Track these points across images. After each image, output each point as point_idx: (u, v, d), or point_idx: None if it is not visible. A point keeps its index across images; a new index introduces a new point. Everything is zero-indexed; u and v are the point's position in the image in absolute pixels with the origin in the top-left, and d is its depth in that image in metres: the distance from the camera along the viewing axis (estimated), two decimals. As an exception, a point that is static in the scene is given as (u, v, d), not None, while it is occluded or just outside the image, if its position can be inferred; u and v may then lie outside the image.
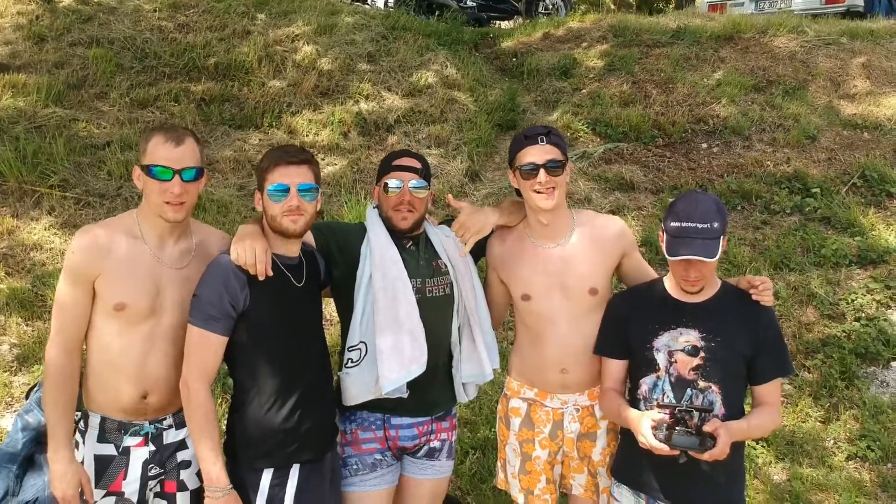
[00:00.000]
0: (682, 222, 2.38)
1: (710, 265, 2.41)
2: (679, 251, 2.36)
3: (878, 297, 5.49)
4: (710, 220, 2.37)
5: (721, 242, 2.38)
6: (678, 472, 2.41)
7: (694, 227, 2.36)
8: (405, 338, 2.56)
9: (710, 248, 2.35)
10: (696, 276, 2.40)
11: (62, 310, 2.34)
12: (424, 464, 2.76)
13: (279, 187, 2.38)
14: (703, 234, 2.36)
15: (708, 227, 2.36)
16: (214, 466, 2.28)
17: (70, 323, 2.33)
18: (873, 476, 4.39)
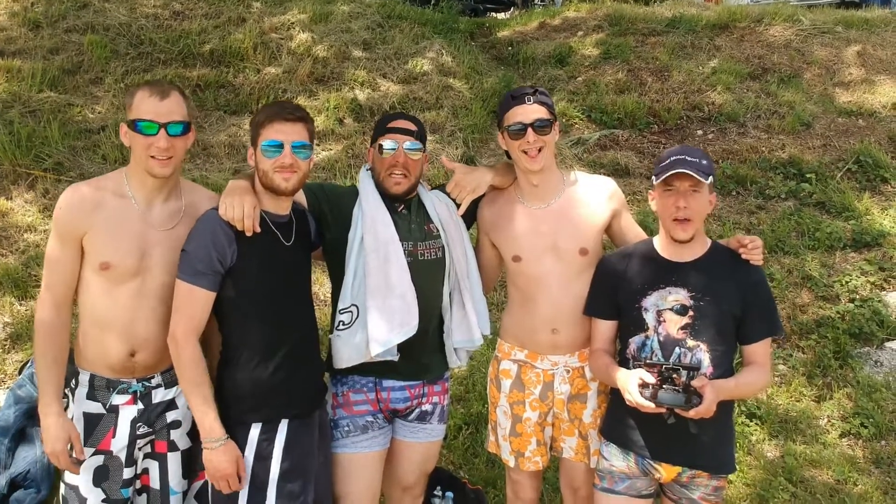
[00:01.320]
0: (674, 156, 2.41)
1: (701, 198, 2.42)
2: (670, 168, 2.37)
3: (873, 279, 5.50)
4: (700, 157, 2.40)
5: (709, 184, 2.40)
6: (666, 431, 2.42)
7: (684, 158, 2.39)
8: (396, 301, 2.56)
9: (702, 171, 2.36)
10: (685, 205, 2.40)
11: (50, 266, 2.34)
12: (416, 427, 2.76)
13: (273, 143, 2.38)
14: (693, 164, 2.38)
15: (698, 161, 2.38)
16: (207, 417, 2.28)
17: (58, 279, 2.32)
18: (866, 452, 4.40)
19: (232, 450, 2.32)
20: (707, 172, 2.42)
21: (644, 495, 2.58)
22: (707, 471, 2.51)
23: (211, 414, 2.29)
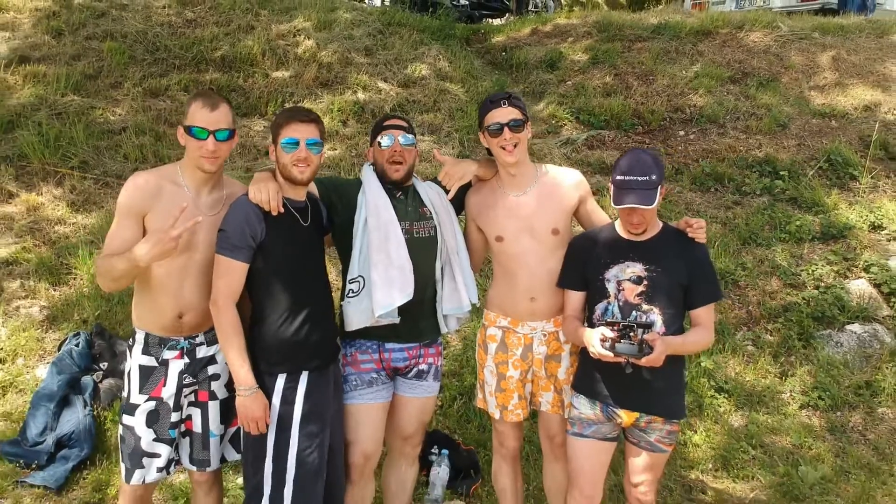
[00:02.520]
0: (626, 176, 2.84)
1: (651, 211, 2.88)
2: (623, 200, 2.82)
3: (837, 268, 5.94)
4: (649, 174, 2.83)
5: (659, 192, 2.84)
6: (626, 381, 2.88)
7: (635, 179, 2.82)
8: (395, 271, 3.01)
9: (649, 197, 2.81)
10: (638, 220, 2.87)
11: (112, 238, 2.77)
12: (414, 384, 3.22)
13: (291, 141, 2.84)
14: (643, 186, 2.81)
15: (647, 180, 2.82)
16: (242, 370, 2.73)
17: (116, 248, 2.75)
18: (822, 422, 4.85)
19: (261, 398, 2.77)
20: (656, 187, 2.85)
21: (609, 438, 3.04)
22: (661, 416, 2.96)
23: (245, 367, 2.74)
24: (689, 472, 4.34)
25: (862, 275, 5.91)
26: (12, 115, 6.33)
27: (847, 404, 4.97)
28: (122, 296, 5.03)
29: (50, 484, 3.80)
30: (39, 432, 4.05)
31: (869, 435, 4.75)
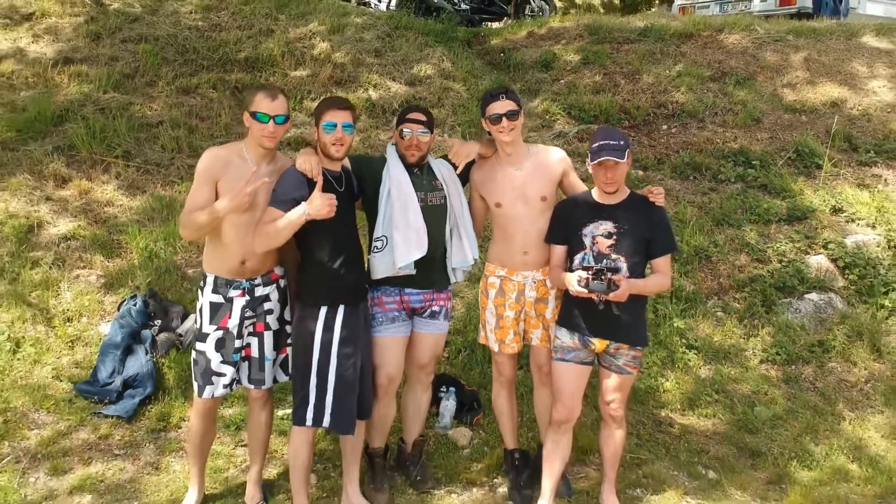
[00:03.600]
0: (601, 141, 3.59)
1: (620, 170, 3.61)
2: (600, 157, 3.56)
3: (799, 245, 6.63)
4: (619, 139, 3.58)
5: (627, 155, 3.58)
6: (598, 315, 3.62)
7: (608, 143, 3.56)
8: (412, 233, 3.74)
9: (620, 155, 3.55)
10: (610, 175, 3.60)
11: (192, 198, 3.49)
12: (428, 322, 3.96)
13: (330, 124, 3.57)
14: (614, 147, 3.56)
15: (617, 144, 3.56)
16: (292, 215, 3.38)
17: (196, 206, 3.47)
18: (779, 374, 5.57)
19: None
20: (624, 150, 3.60)
21: (585, 363, 3.78)
22: (626, 343, 3.70)
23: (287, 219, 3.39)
24: (659, 411, 5.08)
25: (821, 251, 6.61)
26: (61, 110, 7.05)
27: (801, 359, 5.68)
28: (169, 266, 5.79)
29: (122, 414, 4.54)
30: (108, 375, 4.78)
31: (818, 384, 5.47)
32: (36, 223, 5.99)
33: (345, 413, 3.58)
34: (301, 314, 3.60)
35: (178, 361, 5.00)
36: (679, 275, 6.34)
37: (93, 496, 3.96)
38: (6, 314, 5.22)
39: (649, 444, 4.70)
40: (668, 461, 4.53)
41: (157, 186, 6.65)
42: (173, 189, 6.63)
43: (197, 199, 3.49)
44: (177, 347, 5.09)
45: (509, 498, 4.08)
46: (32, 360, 4.95)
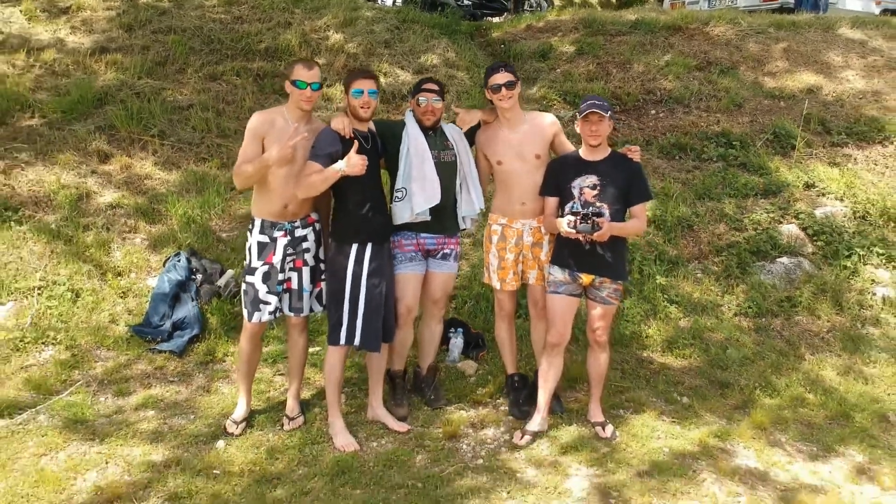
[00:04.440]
0: (588, 101, 4.28)
1: (604, 124, 4.28)
2: (587, 109, 4.25)
3: (772, 215, 7.31)
4: (603, 102, 4.28)
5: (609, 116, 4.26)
6: (585, 254, 4.30)
7: (594, 102, 4.26)
8: (428, 185, 4.42)
9: (604, 109, 4.24)
10: (595, 128, 4.28)
11: (243, 152, 4.16)
12: (440, 263, 4.64)
13: (358, 90, 4.25)
14: (599, 105, 4.25)
15: (601, 104, 4.26)
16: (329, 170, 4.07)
17: (246, 158, 4.16)
18: (750, 323, 6.24)
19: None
20: (607, 110, 4.30)
21: (574, 294, 4.45)
22: (609, 277, 4.38)
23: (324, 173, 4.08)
24: (642, 352, 5.76)
25: (793, 221, 7.29)
26: (101, 94, 7.74)
27: (771, 313, 6.36)
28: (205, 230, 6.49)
29: (174, 350, 5.24)
30: (159, 318, 5.47)
31: (784, 333, 6.15)
32: (85, 193, 6.67)
33: (372, 334, 4.27)
34: (335, 251, 4.29)
35: (218, 308, 5.69)
36: (663, 241, 7.02)
37: (155, 411, 4.65)
38: (65, 269, 5.90)
39: (632, 377, 5.38)
40: (648, 390, 5.21)
41: (190, 162, 7.34)
42: (205, 164, 7.32)
43: (247, 152, 4.17)
44: (217, 296, 5.77)
45: (509, 413, 4.77)
46: (91, 308, 5.64)
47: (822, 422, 4.93)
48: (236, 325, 5.53)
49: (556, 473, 4.15)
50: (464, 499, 3.86)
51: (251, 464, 4.12)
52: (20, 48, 8.16)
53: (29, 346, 5.21)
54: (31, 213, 6.41)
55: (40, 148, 7.06)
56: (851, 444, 4.67)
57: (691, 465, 4.28)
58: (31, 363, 5.09)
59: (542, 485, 4.04)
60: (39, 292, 5.65)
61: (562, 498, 3.93)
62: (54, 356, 5.16)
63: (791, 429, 4.80)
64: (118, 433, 4.36)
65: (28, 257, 5.97)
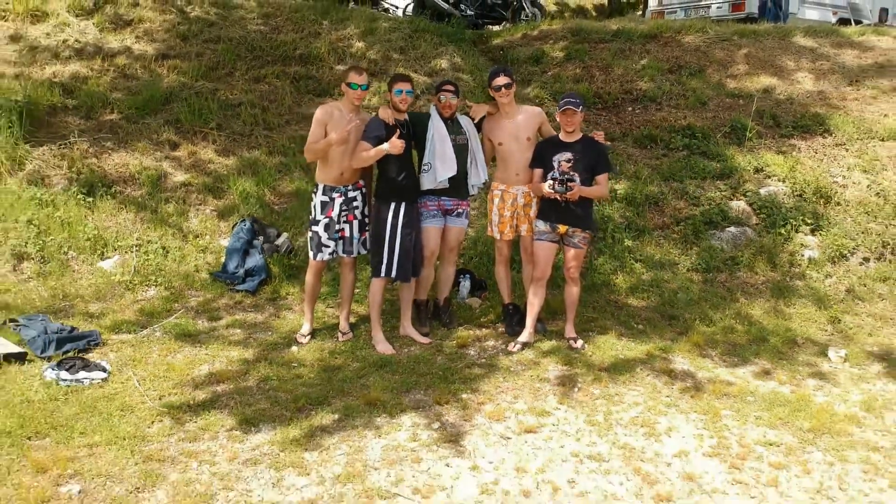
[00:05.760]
0: (565, 98, 5.85)
1: (577, 116, 5.84)
2: (564, 105, 5.81)
3: (725, 193, 8.83)
4: (577, 98, 5.84)
5: (581, 109, 5.83)
6: (561, 210, 5.86)
7: (570, 99, 5.82)
8: (447, 160, 5.97)
9: (576, 105, 5.80)
10: (570, 119, 5.84)
11: (312, 135, 5.71)
12: (455, 219, 6.19)
13: (399, 90, 5.80)
14: (573, 102, 5.81)
15: (575, 101, 5.82)
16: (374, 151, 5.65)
17: (312, 141, 5.72)
18: (699, 277, 7.75)
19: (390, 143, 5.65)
20: (579, 105, 5.86)
21: (554, 241, 6.01)
22: (579, 227, 5.94)
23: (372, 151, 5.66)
24: (610, 295, 7.31)
25: (741, 198, 8.82)
26: (166, 94, 9.30)
27: (717, 269, 7.88)
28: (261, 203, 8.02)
29: (248, 289, 6.80)
30: (234, 267, 7.03)
31: (727, 284, 7.68)
32: (162, 174, 8.23)
33: (404, 270, 5.84)
34: (378, 208, 5.86)
35: (278, 261, 7.27)
36: (634, 215, 8.55)
37: (240, 329, 6.22)
38: (154, 232, 7.47)
39: (600, 312, 6.94)
40: (612, 320, 6.77)
41: (243, 150, 8.90)
42: (255, 152, 8.87)
43: (315, 135, 5.74)
44: (276, 252, 7.33)
45: (505, 332, 6.34)
46: (178, 260, 7.21)
47: (745, 342, 6.49)
48: (293, 273, 7.12)
49: (537, 369, 5.71)
50: (471, 382, 5.42)
51: (318, 360, 5.69)
52: (96, 55, 9.70)
53: (137, 287, 6.78)
54: (120, 189, 7.95)
55: (121, 138, 8.61)
56: (763, 357, 6.22)
57: (638, 366, 5.84)
58: (140, 298, 6.66)
59: (527, 375, 5.60)
60: (137, 248, 7.21)
61: (541, 383, 5.49)
62: (157, 293, 6.74)
63: (719, 347, 6.36)
64: (217, 342, 5.93)
65: (124, 223, 7.53)
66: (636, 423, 4.98)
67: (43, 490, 3.92)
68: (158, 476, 4.14)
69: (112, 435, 4.49)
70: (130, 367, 5.40)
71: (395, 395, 5.15)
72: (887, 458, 4.75)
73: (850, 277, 7.77)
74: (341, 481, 4.17)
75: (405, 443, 4.60)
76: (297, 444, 4.50)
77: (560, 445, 4.68)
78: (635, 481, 4.36)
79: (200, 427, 4.67)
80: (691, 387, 5.56)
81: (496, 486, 4.23)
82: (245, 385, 5.25)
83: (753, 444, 4.83)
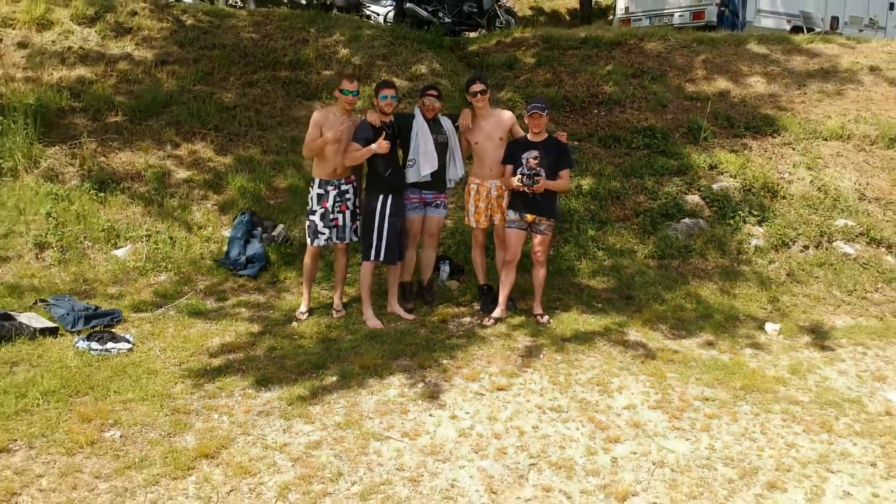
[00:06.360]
0: (532, 103, 6.68)
1: (543, 119, 6.67)
2: (531, 110, 6.63)
3: (681, 188, 9.69)
4: (543, 102, 6.67)
5: (546, 113, 6.66)
6: (529, 201, 6.67)
7: (536, 104, 6.65)
8: (429, 157, 6.75)
9: (543, 109, 6.63)
10: (537, 122, 6.67)
11: (309, 135, 6.49)
12: (434, 209, 6.98)
13: (384, 95, 6.60)
14: (539, 107, 6.63)
15: (541, 105, 6.65)
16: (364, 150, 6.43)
17: (310, 141, 6.50)
18: (656, 264, 8.58)
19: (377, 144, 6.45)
20: (545, 109, 6.69)
21: (522, 228, 6.82)
22: (544, 216, 6.77)
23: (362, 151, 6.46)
24: (574, 278, 8.15)
25: (696, 192, 9.70)
26: (167, 97, 10.03)
27: (671, 256, 8.74)
28: (257, 197, 8.79)
29: (250, 274, 7.58)
30: (236, 254, 7.80)
31: (680, 269, 8.54)
32: (166, 171, 8.97)
33: (391, 253, 6.64)
34: (368, 200, 6.65)
35: (275, 249, 8.04)
36: (598, 208, 9.39)
37: (246, 308, 7.00)
38: (161, 224, 8.22)
39: (564, 293, 7.78)
40: (575, 300, 7.61)
41: (239, 150, 9.65)
42: (250, 151, 9.62)
43: (312, 134, 6.52)
44: (273, 241, 8.10)
45: (480, 309, 7.16)
46: (185, 249, 7.97)
47: (692, 318, 7.34)
48: (289, 260, 7.90)
49: (508, 340, 6.53)
50: (451, 350, 6.23)
51: (316, 333, 6.48)
52: (99, 61, 10.41)
53: (149, 272, 7.54)
54: (128, 186, 8.68)
55: (126, 138, 9.33)
56: (707, 331, 7.07)
57: (596, 337, 6.67)
58: (153, 282, 7.42)
59: (499, 345, 6.41)
60: (147, 238, 7.96)
61: (511, 351, 6.30)
62: (168, 278, 7.50)
63: (669, 322, 7.21)
64: (226, 319, 6.70)
65: (133, 215, 8.27)
66: (592, 383, 5.79)
67: (90, 435, 4.66)
68: (186, 424, 4.89)
69: (143, 393, 5.24)
70: (151, 340, 6.15)
71: (385, 361, 5.94)
72: (805, 409, 5.59)
73: (790, 263, 8.63)
74: (342, 427, 4.95)
75: (395, 398, 5.40)
76: (302, 400, 5.27)
77: (526, 400, 5.48)
78: (589, 427, 5.16)
79: (218, 387, 5.42)
80: (642, 354, 6.39)
81: (472, 430, 5.02)
82: (254, 354, 6.01)
83: (692, 399, 5.65)
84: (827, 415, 5.52)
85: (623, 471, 4.66)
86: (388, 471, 4.50)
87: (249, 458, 4.53)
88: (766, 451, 4.98)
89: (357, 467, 4.51)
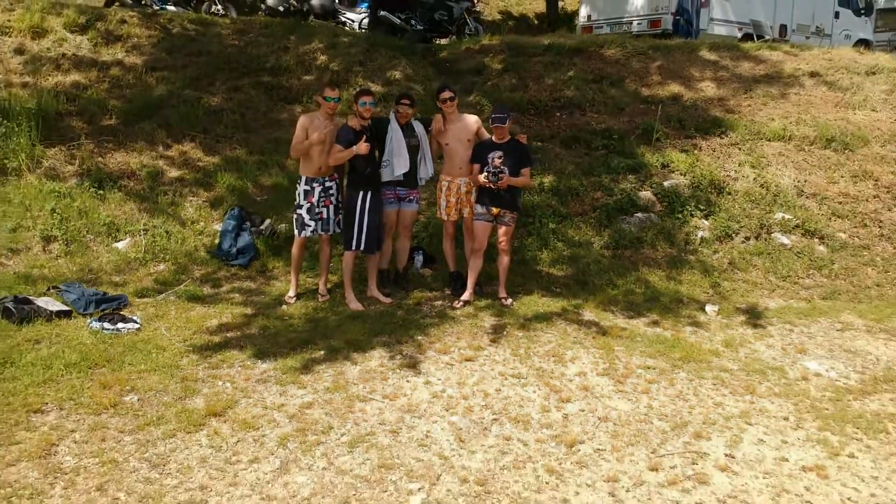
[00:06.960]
0: (493, 115, 7.50)
1: (505, 128, 7.49)
2: (494, 123, 7.46)
3: (635, 185, 10.52)
4: (505, 112, 7.50)
5: (507, 121, 7.48)
6: (494, 195, 7.49)
7: (497, 116, 7.47)
8: (402, 159, 7.54)
9: (502, 121, 7.45)
10: (501, 131, 7.49)
11: (296, 138, 7.25)
12: (407, 204, 7.76)
13: (364, 102, 7.38)
14: (500, 119, 7.46)
15: (502, 116, 7.47)
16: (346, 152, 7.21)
17: (297, 143, 7.27)
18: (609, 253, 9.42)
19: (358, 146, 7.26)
20: (505, 119, 7.50)
21: (488, 220, 7.62)
22: (508, 209, 7.58)
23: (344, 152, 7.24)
24: (535, 266, 8.98)
25: (648, 189, 10.56)
26: (156, 101, 10.72)
27: (625, 246, 9.57)
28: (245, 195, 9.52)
29: (242, 264, 8.32)
30: (228, 246, 8.53)
31: (632, 259, 9.40)
32: (159, 170, 9.68)
33: (370, 243, 7.43)
34: (349, 196, 7.43)
35: (264, 242, 8.79)
36: (558, 203, 10.21)
37: (239, 294, 7.74)
38: (156, 219, 8.92)
39: (526, 279, 8.60)
40: (536, 285, 8.44)
41: (226, 150, 10.37)
42: (236, 152, 10.35)
43: (299, 137, 7.29)
44: (261, 234, 8.85)
45: (450, 293, 7.97)
46: (180, 241, 8.68)
47: (641, 301, 8.20)
48: (277, 251, 8.64)
49: (475, 319, 7.33)
50: (425, 329, 7.02)
51: (304, 314, 7.24)
52: (92, 67, 11.08)
53: (149, 263, 8.26)
54: (124, 184, 9.38)
55: (120, 140, 10.02)
56: (654, 312, 7.91)
57: (554, 317, 7.49)
58: (153, 272, 8.14)
59: (468, 323, 7.21)
60: (145, 232, 8.67)
61: (478, 329, 7.11)
62: (167, 268, 8.22)
63: (620, 304, 8.06)
64: (222, 303, 7.45)
65: (130, 211, 8.98)
66: (549, 354, 6.61)
67: (112, 398, 5.39)
68: (195, 390, 5.63)
69: (154, 365, 5.98)
70: (156, 321, 6.88)
71: (367, 338, 6.72)
72: (733, 376, 6.44)
73: (732, 252, 9.51)
74: (330, 391, 5.72)
75: (376, 367, 6.18)
76: (294, 370, 6.03)
77: (491, 369, 6.28)
78: (545, 390, 5.97)
79: (220, 360, 6.17)
80: (594, 331, 7.22)
81: (443, 393, 5.82)
82: (249, 332, 6.77)
83: (636, 367, 6.48)
84: (752, 380, 6.35)
85: (572, 424, 5.46)
86: (372, 425, 5.27)
87: (252, 416, 5.28)
88: (696, 409, 5.80)
89: (345, 422, 5.28)
